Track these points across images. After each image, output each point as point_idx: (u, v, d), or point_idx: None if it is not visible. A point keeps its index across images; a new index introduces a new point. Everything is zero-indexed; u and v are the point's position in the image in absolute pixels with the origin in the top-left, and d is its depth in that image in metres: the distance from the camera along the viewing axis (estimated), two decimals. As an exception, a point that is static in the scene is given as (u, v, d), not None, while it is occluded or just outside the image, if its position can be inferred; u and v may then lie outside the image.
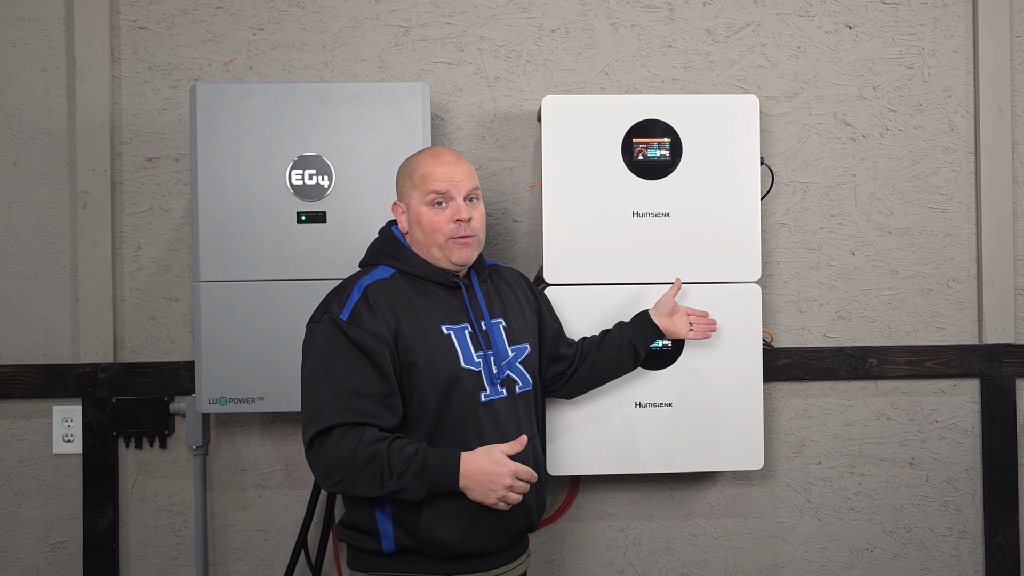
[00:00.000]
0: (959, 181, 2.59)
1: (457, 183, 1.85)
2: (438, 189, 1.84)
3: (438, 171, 1.85)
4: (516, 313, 1.98)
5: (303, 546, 2.38)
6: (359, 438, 1.72)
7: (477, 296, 1.90)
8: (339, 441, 1.73)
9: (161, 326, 2.46)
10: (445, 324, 1.84)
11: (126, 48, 2.45)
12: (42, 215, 2.45)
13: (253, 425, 2.47)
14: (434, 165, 1.86)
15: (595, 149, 2.28)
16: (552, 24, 2.52)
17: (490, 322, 1.90)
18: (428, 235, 1.85)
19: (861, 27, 2.57)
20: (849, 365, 2.53)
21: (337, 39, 2.48)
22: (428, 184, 1.84)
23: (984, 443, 2.58)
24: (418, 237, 1.87)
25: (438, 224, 1.83)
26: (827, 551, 2.57)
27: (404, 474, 1.71)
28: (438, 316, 1.84)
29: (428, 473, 1.72)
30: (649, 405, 2.30)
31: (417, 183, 1.86)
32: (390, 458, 1.71)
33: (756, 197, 2.32)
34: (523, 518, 1.88)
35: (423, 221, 1.85)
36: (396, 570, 1.82)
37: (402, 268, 1.87)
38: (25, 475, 2.45)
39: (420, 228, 1.86)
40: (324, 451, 1.74)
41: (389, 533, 1.80)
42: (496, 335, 1.89)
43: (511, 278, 2.06)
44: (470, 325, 1.86)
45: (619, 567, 2.53)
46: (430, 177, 1.85)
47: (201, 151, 2.21)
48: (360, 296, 1.80)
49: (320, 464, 1.75)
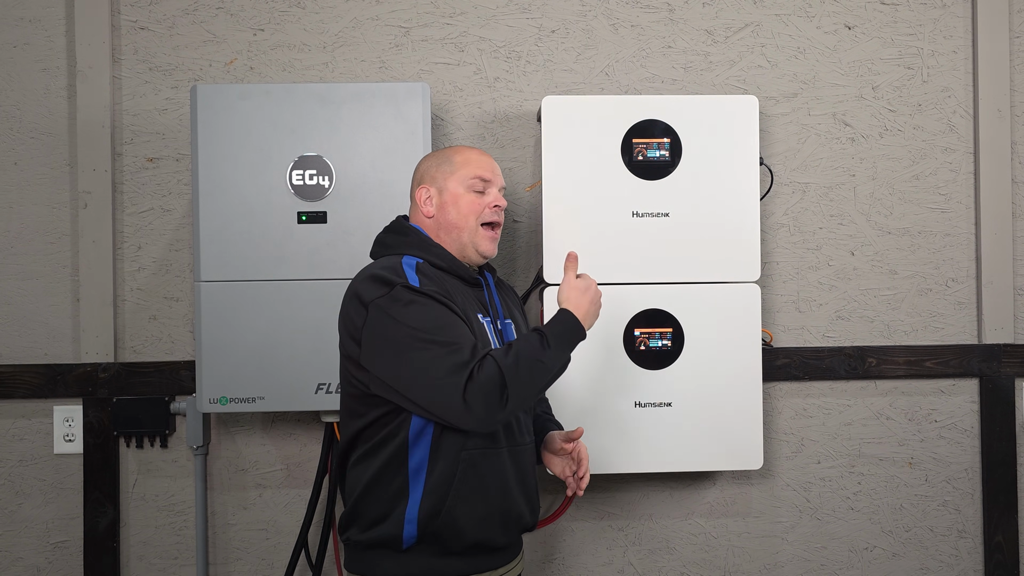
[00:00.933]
0: (958, 181, 2.59)
1: (497, 175, 1.92)
2: (483, 176, 1.88)
3: (483, 160, 1.91)
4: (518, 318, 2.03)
5: (304, 546, 2.38)
6: (497, 356, 1.70)
7: (493, 295, 1.94)
8: (483, 370, 1.68)
9: (162, 326, 2.46)
10: (479, 313, 1.86)
11: (127, 48, 2.46)
12: (43, 215, 2.45)
13: (254, 425, 2.47)
14: (476, 154, 1.92)
15: (595, 149, 2.29)
16: (552, 24, 2.52)
17: (504, 321, 1.94)
18: (464, 216, 1.86)
19: (860, 27, 2.57)
20: (848, 365, 2.54)
21: (337, 39, 2.48)
22: (472, 169, 1.88)
23: (983, 443, 2.58)
24: (451, 219, 1.87)
25: (476, 206, 1.87)
26: (826, 551, 2.58)
27: (558, 347, 1.75)
28: (470, 304, 1.85)
29: (566, 338, 1.77)
30: (649, 405, 2.30)
31: (458, 167, 1.89)
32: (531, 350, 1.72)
33: (755, 197, 2.33)
34: (530, 514, 1.90)
35: (461, 203, 1.87)
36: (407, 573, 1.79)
37: (428, 259, 1.85)
38: (26, 475, 2.45)
39: (456, 209, 1.87)
40: (480, 383, 1.67)
41: (414, 516, 1.76)
42: (509, 335, 1.94)
43: (509, 288, 2.12)
44: (491, 320, 1.90)
45: (619, 566, 2.54)
46: (474, 163, 1.89)
47: (202, 151, 2.22)
48: (415, 270, 1.79)
49: (488, 394, 1.68)
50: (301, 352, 2.22)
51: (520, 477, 1.87)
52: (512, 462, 1.85)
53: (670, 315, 2.30)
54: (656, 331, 2.31)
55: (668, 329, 2.31)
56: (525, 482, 1.88)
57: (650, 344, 2.30)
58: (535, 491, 1.93)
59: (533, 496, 1.92)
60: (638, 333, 2.30)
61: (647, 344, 2.30)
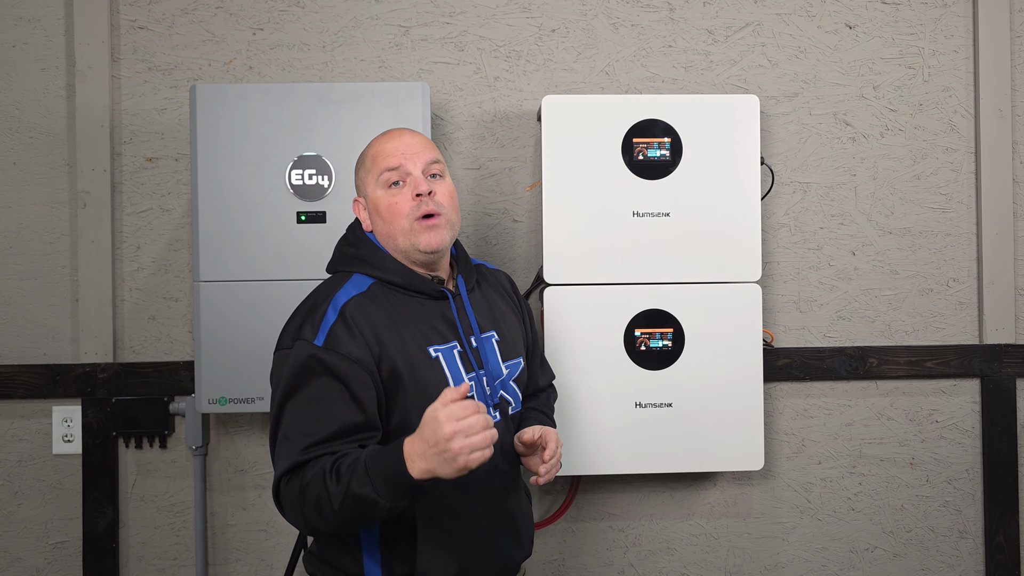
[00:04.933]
0: (959, 181, 2.58)
1: (411, 156, 1.63)
2: (390, 165, 1.63)
3: (389, 146, 1.65)
4: (508, 323, 1.79)
5: (303, 546, 2.37)
6: (316, 465, 1.47)
7: (466, 307, 1.69)
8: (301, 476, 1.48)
9: (161, 326, 2.46)
10: (432, 345, 1.62)
11: (126, 48, 2.45)
12: (42, 215, 2.45)
13: (253, 425, 2.47)
14: (384, 141, 1.67)
15: (595, 149, 2.28)
16: (552, 24, 2.52)
17: (481, 337, 1.69)
18: (389, 222, 1.62)
19: (861, 27, 2.57)
20: (849, 365, 2.53)
21: (337, 39, 2.48)
22: (380, 163, 1.64)
23: (984, 443, 2.58)
24: (381, 229, 1.65)
25: (397, 206, 1.61)
26: (827, 551, 2.57)
27: (352, 478, 1.41)
28: (424, 336, 1.62)
29: (374, 470, 1.41)
30: (649, 405, 2.30)
31: (370, 166, 1.66)
32: (338, 468, 1.44)
33: (756, 197, 2.32)
34: (518, 551, 1.74)
35: (381, 207, 1.63)
36: None
37: (380, 277, 1.64)
38: (25, 475, 2.44)
39: (380, 217, 1.64)
40: (288, 491, 1.49)
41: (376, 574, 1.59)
42: (489, 351, 1.70)
43: (497, 280, 1.86)
44: (459, 343, 1.65)
45: (619, 567, 2.53)
46: (381, 154, 1.65)
47: (201, 151, 2.21)
48: (337, 317, 1.56)
49: (286, 505, 1.51)
50: (301, 352, 2.22)
51: (499, 512, 1.69)
52: (486, 499, 1.66)
53: (670, 315, 2.30)
54: (656, 331, 2.30)
55: (669, 329, 2.30)
56: (507, 517, 1.71)
57: (650, 344, 2.30)
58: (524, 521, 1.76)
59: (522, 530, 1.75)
60: (638, 333, 2.30)
61: (647, 344, 2.30)
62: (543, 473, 1.64)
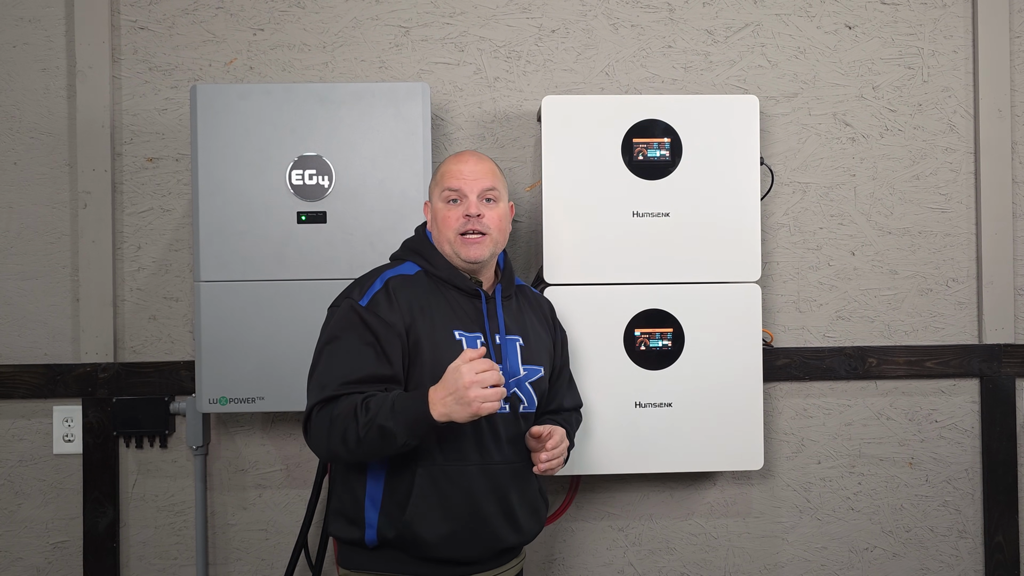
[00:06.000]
0: (959, 181, 2.59)
1: (470, 181, 1.88)
2: (451, 186, 1.88)
3: (454, 168, 1.90)
4: (536, 335, 1.96)
5: (303, 546, 2.38)
6: (344, 399, 1.73)
7: (497, 309, 1.90)
8: (332, 408, 1.74)
9: (161, 326, 2.46)
10: (459, 330, 1.84)
11: (126, 48, 2.46)
12: (42, 215, 2.45)
13: (253, 425, 2.47)
14: (453, 163, 1.92)
15: (595, 149, 2.28)
16: (552, 24, 2.52)
17: (506, 337, 1.89)
18: (441, 230, 1.89)
19: (861, 27, 2.57)
20: (849, 365, 2.53)
21: (337, 39, 2.48)
22: (444, 181, 1.90)
23: (984, 443, 2.58)
24: (435, 233, 1.92)
25: (449, 219, 1.87)
26: (827, 551, 2.57)
27: (380, 412, 1.68)
28: (452, 321, 1.84)
29: (399, 408, 1.68)
30: (649, 405, 2.30)
31: (438, 181, 1.92)
32: (367, 403, 1.70)
33: (756, 197, 2.32)
34: (513, 535, 1.87)
35: (438, 217, 1.90)
36: (380, 569, 1.82)
37: (427, 268, 1.89)
38: (25, 475, 2.45)
39: (436, 224, 1.91)
40: (319, 419, 1.75)
41: (374, 522, 1.80)
42: (511, 351, 1.89)
43: (536, 302, 2.06)
44: (483, 336, 1.86)
45: (619, 567, 2.54)
46: (447, 175, 1.90)
47: (201, 151, 2.22)
48: (382, 287, 1.83)
49: (313, 432, 1.77)
50: (301, 352, 2.21)
51: (499, 496, 1.83)
52: (486, 480, 1.82)
53: (670, 315, 2.30)
54: (656, 331, 2.30)
55: (668, 329, 2.30)
56: (506, 501, 1.84)
57: (650, 344, 2.30)
58: (527, 511, 1.89)
59: (520, 517, 1.87)
60: (638, 333, 2.30)
61: (647, 344, 2.30)
62: (543, 460, 1.83)
